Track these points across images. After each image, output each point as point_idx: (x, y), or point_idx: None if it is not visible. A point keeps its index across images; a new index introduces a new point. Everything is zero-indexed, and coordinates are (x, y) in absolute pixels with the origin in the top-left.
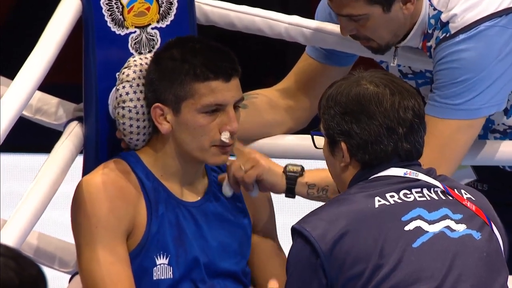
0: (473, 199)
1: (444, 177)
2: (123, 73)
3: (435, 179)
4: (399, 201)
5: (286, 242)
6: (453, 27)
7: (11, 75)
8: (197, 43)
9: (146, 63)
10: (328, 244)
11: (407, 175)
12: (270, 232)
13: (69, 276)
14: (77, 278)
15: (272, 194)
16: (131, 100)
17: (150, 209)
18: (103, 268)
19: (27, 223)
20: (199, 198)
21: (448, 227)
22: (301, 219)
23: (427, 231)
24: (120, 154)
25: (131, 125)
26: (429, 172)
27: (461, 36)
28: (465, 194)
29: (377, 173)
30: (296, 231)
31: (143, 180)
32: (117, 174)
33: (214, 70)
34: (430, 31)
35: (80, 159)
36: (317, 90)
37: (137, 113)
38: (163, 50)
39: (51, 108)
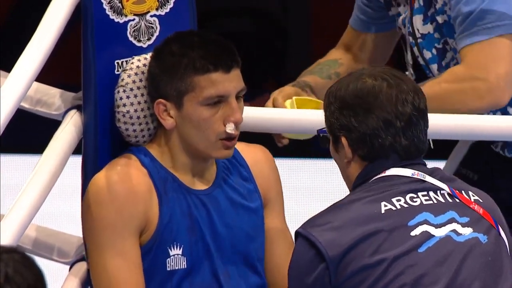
0: (481, 201)
1: (450, 178)
2: (120, 77)
3: (440, 180)
4: (405, 205)
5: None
6: None
7: None
8: (196, 36)
9: (145, 64)
10: (338, 251)
11: (415, 176)
12: (277, 215)
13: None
14: (78, 265)
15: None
16: (124, 105)
17: (161, 201)
18: (110, 274)
19: (26, 215)
20: (209, 185)
21: (454, 231)
22: (305, 223)
23: (434, 236)
24: (130, 148)
25: (127, 129)
26: (434, 173)
27: None
28: (473, 196)
29: (382, 172)
30: (300, 235)
31: (152, 172)
32: (126, 171)
33: (213, 62)
34: None
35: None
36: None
37: (131, 117)
38: (163, 45)
39: (50, 99)
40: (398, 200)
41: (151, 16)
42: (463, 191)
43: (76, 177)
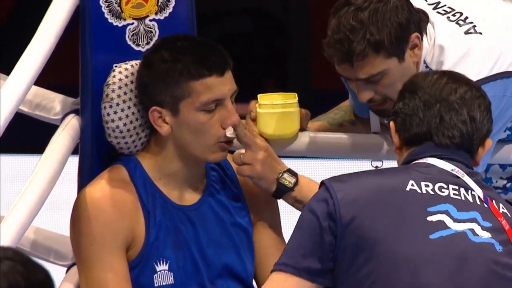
0: (509, 215)
1: (486, 186)
2: (104, 92)
3: (476, 183)
4: (431, 192)
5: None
6: None
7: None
8: (185, 41)
9: (126, 76)
10: (350, 212)
11: (454, 172)
12: (271, 229)
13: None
14: (74, 269)
15: None
16: (112, 120)
17: (148, 217)
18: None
19: (25, 217)
20: (197, 200)
21: (472, 230)
22: (335, 176)
23: (449, 227)
24: (121, 159)
25: (118, 143)
26: (472, 175)
27: None
28: (502, 208)
29: (423, 158)
30: (324, 185)
31: (140, 188)
32: (114, 186)
33: (207, 66)
34: None
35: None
36: None
37: (121, 132)
38: (152, 52)
39: (49, 103)
40: (427, 186)
41: (150, 20)
42: (494, 201)
43: None
